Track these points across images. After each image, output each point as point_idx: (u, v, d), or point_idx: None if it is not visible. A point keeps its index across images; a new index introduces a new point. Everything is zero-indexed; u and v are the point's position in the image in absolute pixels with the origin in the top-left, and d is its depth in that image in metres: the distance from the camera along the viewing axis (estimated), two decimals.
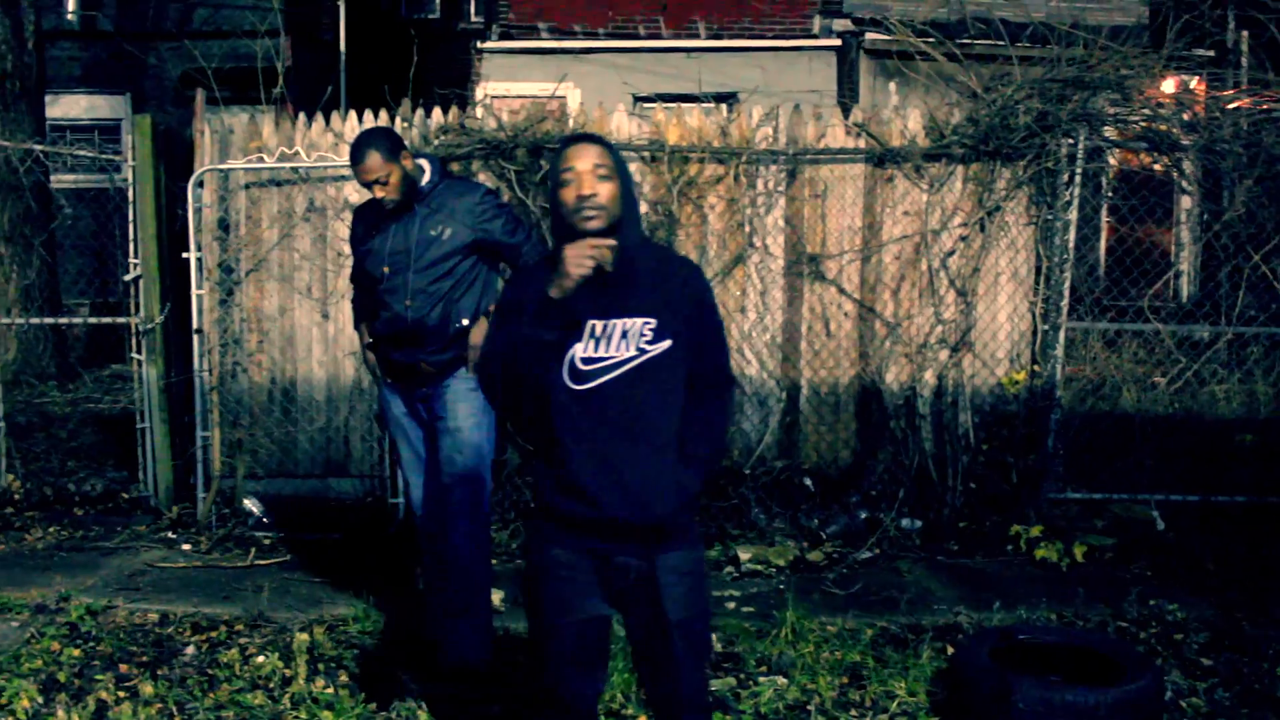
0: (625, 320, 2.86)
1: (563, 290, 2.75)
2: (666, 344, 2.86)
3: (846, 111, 6.77)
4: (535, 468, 2.98)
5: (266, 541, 6.28)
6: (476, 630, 4.41)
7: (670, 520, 2.88)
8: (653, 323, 2.86)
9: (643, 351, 2.85)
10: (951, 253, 6.58)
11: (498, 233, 4.50)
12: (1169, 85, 7.35)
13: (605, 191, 2.85)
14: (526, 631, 3.04)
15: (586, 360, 2.84)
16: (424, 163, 4.55)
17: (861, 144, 6.58)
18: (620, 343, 2.85)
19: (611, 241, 2.77)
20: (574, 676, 2.94)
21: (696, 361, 2.96)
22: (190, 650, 4.82)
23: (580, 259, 2.73)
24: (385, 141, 4.36)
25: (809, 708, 4.31)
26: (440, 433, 4.49)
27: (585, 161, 2.86)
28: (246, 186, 6.59)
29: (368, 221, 4.61)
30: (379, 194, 4.40)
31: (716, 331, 3.04)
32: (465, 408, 4.45)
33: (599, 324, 2.85)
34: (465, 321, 4.47)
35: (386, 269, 4.47)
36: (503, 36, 13.17)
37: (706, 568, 3.13)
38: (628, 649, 3.22)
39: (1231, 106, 6.93)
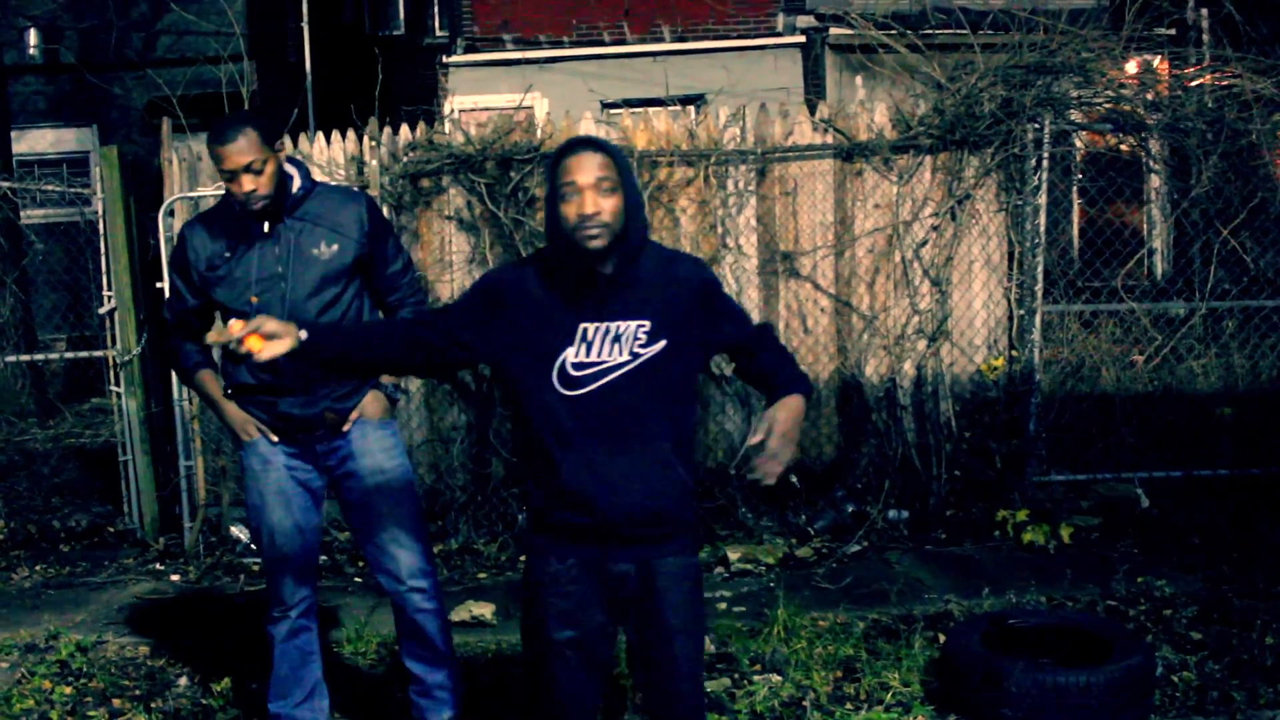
0: (619, 323, 2.76)
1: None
2: (661, 345, 2.77)
3: (813, 108, 6.80)
4: (526, 481, 2.90)
5: (255, 568, 6.26)
6: (456, 694, 4.04)
7: (667, 514, 2.81)
8: (647, 325, 2.77)
9: (636, 356, 2.75)
10: (924, 243, 6.61)
11: (380, 255, 3.78)
12: (1131, 66, 7.40)
13: (609, 207, 2.69)
14: (521, 646, 3.03)
15: (578, 366, 2.75)
16: (291, 167, 3.72)
17: (829, 139, 6.61)
18: (613, 347, 2.75)
19: (241, 331, 2.73)
20: (576, 691, 2.89)
21: (729, 337, 2.93)
22: (183, 681, 4.80)
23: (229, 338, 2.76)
24: (262, 122, 3.55)
25: (804, 704, 4.32)
26: (360, 481, 3.85)
27: (587, 175, 2.67)
28: None
29: (208, 242, 3.71)
30: (248, 186, 3.51)
31: (731, 306, 2.98)
32: (381, 444, 3.85)
33: (591, 328, 2.76)
34: None
35: (254, 299, 3.63)
36: (468, 50, 13.17)
37: (702, 574, 3.11)
38: (622, 655, 3.21)
39: (1194, 84, 6.99)
